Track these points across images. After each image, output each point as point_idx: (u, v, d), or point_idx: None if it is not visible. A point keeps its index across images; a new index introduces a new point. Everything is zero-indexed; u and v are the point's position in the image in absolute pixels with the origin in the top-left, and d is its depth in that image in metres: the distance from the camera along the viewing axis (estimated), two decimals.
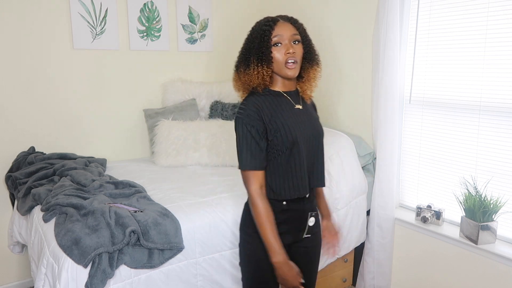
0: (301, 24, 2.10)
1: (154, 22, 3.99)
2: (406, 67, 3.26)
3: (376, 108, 3.30)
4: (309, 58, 2.09)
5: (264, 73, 2.02)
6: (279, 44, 2.00)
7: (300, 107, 2.10)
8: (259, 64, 2.01)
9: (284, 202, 2.07)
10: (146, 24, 3.94)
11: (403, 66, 3.25)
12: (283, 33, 2.00)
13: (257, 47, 2.02)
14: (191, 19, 4.21)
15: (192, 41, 4.25)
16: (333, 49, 3.83)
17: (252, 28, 2.10)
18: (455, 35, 2.96)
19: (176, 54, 4.19)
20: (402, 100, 3.31)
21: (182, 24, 4.16)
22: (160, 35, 4.04)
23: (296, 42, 2.02)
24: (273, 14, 2.16)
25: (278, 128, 2.00)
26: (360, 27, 3.57)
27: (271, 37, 1.99)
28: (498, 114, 2.77)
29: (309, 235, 2.17)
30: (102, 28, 3.71)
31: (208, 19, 4.32)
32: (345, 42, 3.71)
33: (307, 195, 2.12)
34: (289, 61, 1.99)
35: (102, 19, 3.70)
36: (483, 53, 2.81)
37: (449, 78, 3.02)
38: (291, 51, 1.98)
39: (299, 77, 2.14)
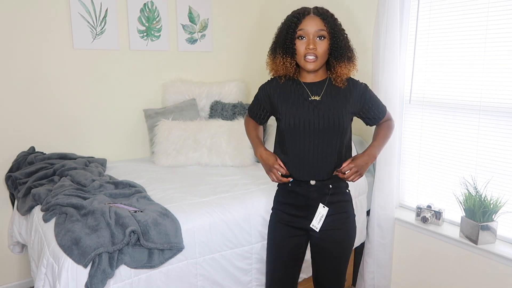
0: (333, 20, 2.13)
1: (154, 22, 3.99)
2: (406, 67, 3.26)
3: None
4: (336, 54, 2.13)
5: (288, 64, 2.14)
6: (303, 38, 2.09)
7: (317, 98, 2.16)
8: (284, 55, 2.13)
9: (290, 183, 2.24)
10: (146, 24, 3.94)
11: (403, 66, 3.25)
12: (308, 27, 2.07)
13: (283, 38, 2.13)
14: (191, 19, 4.20)
15: (192, 41, 4.25)
16: None
17: (285, 18, 2.18)
18: (455, 35, 2.96)
19: (176, 54, 4.19)
20: (402, 100, 3.31)
21: (182, 24, 4.16)
22: (160, 35, 4.04)
23: (322, 38, 2.09)
24: (273, 15, 2.18)
25: (282, 113, 2.19)
26: (360, 27, 3.57)
27: (296, 30, 2.09)
28: (498, 114, 2.77)
29: (315, 228, 2.21)
30: (102, 28, 3.71)
31: (208, 19, 4.31)
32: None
33: (313, 183, 2.20)
34: (308, 56, 2.08)
35: (102, 19, 3.70)
36: (483, 53, 2.81)
37: (449, 78, 3.02)
38: (311, 46, 2.06)
39: (329, 70, 2.21)
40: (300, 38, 2.09)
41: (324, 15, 2.11)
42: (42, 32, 3.47)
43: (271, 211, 2.38)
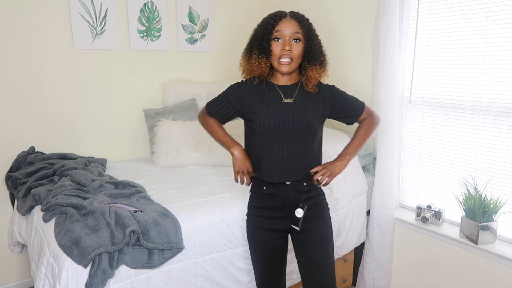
0: (308, 24, 2.18)
1: (154, 22, 3.99)
2: (406, 67, 3.26)
3: (376, 108, 3.30)
4: (309, 57, 2.17)
5: (263, 64, 2.15)
6: (279, 40, 2.12)
7: (290, 101, 2.20)
8: (260, 56, 2.14)
9: (265, 187, 2.25)
10: (146, 24, 3.94)
11: (403, 66, 3.25)
12: (284, 29, 2.10)
13: (259, 39, 2.15)
14: (191, 19, 4.20)
15: (192, 41, 4.25)
16: (333, 49, 3.83)
17: (262, 20, 2.21)
18: (455, 35, 2.96)
19: (176, 54, 4.19)
20: (402, 100, 3.31)
21: (182, 24, 4.16)
22: (160, 35, 4.04)
23: (297, 41, 2.12)
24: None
25: (255, 115, 2.19)
26: (360, 27, 3.57)
27: (273, 31, 2.11)
28: (498, 114, 2.77)
29: (297, 228, 2.24)
30: (102, 28, 3.71)
31: (208, 19, 4.31)
32: (345, 42, 3.71)
33: (289, 183, 2.24)
34: (283, 58, 2.12)
35: (102, 19, 3.70)
36: (483, 53, 2.81)
37: (449, 78, 3.02)
38: (286, 48, 2.10)
39: (301, 73, 2.24)
40: (276, 39, 2.12)
41: (300, 18, 2.16)
42: (42, 32, 3.47)
43: (246, 217, 2.38)
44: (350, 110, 2.32)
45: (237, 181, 2.30)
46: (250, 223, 2.36)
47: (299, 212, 2.22)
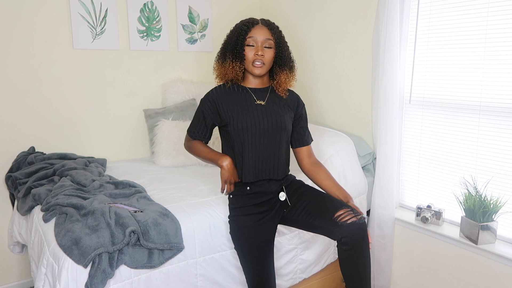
0: (279, 31, 2.36)
1: (154, 22, 3.99)
2: (406, 67, 3.26)
3: (376, 108, 3.30)
4: (280, 63, 2.36)
5: (237, 68, 2.31)
6: (252, 45, 2.29)
7: (262, 103, 2.36)
8: (234, 60, 2.31)
9: (248, 187, 2.36)
10: (146, 24, 3.94)
11: (403, 66, 3.25)
12: (257, 36, 2.29)
13: (233, 44, 2.31)
14: (191, 19, 4.21)
15: (192, 41, 4.25)
16: (332, 49, 3.83)
17: (234, 26, 2.38)
18: (455, 35, 2.96)
19: (176, 54, 4.19)
20: (402, 100, 3.30)
21: (182, 24, 4.16)
22: (160, 35, 4.04)
23: (269, 47, 2.30)
24: (274, 14, 2.23)
25: (231, 117, 2.31)
26: (360, 27, 3.57)
27: (246, 37, 2.29)
28: (498, 114, 2.77)
29: (284, 199, 2.39)
30: (102, 28, 3.71)
31: (208, 19, 4.32)
32: (345, 42, 3.71)
33: (270, 179, 2.38)
34: (256, 62, 2.29)
35: (102, 19, 3.70)
36: (483, 53, 2.81)
37: (449, 78, 3.02)
38: (259, 53, 2.27)
39: (272, 78, 2.43)
40: (249, 45, 2.29)
41: (271, 25, 2.34)
42: (42, 32, 3.47)
43: (228, 220, 2.46)
44: (304, 133, 2.51)
45: (222, 192, 2.37)
46: (234, 224, 2.42)
47: (282, 195, 2.39)
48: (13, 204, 3.39)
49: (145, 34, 3.95)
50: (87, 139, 3.79)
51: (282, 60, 2.35)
